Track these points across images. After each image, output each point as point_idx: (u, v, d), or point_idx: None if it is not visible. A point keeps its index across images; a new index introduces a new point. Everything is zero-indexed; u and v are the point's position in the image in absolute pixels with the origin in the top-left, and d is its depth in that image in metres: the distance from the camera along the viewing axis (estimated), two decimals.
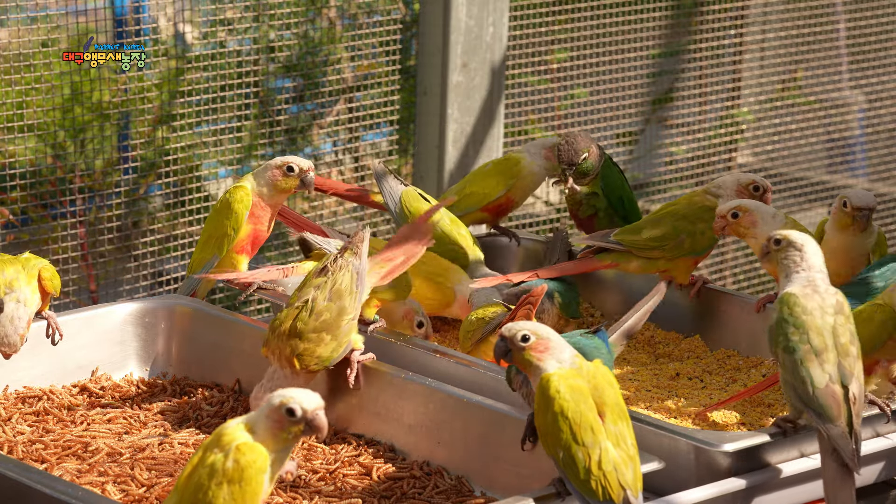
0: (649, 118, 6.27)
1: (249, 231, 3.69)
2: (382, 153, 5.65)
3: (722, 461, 3.11)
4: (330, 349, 3.29)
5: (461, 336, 3.64)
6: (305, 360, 3.27)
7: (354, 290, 3.32)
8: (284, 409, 2.66)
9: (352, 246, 3.35)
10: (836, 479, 3.03)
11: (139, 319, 3.67)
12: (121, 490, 3.08)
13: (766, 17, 6.49)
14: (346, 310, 3.30)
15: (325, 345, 3.28)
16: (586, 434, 2.78)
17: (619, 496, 2.75)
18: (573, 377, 2.83)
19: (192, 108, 5.10)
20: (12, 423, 3.37)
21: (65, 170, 5.03)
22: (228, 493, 2.64)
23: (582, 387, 2.82)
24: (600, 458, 2.76)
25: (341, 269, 3.32)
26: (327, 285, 3.30)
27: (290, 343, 3.27)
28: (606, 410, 2.81)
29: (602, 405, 2.81)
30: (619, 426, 2.80)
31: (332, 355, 3.30)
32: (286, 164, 3.69)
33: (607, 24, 5.93)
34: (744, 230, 3.69)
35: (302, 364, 3.27)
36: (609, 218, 4.12)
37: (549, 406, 2.81)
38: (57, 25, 4.86)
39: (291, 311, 3.30)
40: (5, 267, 3.39)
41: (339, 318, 3.29)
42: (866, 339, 3.27)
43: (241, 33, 5.29)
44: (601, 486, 2.74)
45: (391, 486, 3.17)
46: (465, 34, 5.38)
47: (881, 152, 6.87)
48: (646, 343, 3.95)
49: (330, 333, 3.28)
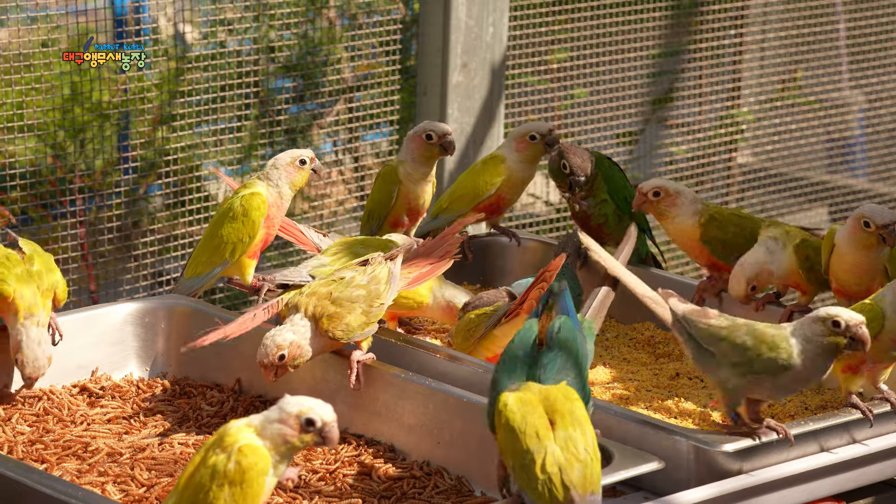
0: (649, 118, 6.27)
1: (262, 235, 3.70)
2: (382, 153, 5.65)
3: (722, 461, 3.11)
4: (359, 321, 3.34)
5: (458, 337, 3.62)
6: (334, 322, 3.31)
7: (388, 284, 3.42)
8: (304, 419, 2.68)
9: (392, 254, 3.49)
10: None
11: (139, 319, 3.67)
12: (121, 490, 3.08)
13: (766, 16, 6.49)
14: (380, 294, 3.39)
15: (356, 315, 3.34)
16: (531, 441, 2.78)
17: (562, 494, 2.74)
18: (524, 392, 2.85)
19: (192, 108, 5.10)
20: (12, 423, 3.37)
21: (65, 170, 5.03)
22: (229, 495, 2.64)
23: (531, 398, 2.84)
24: (545, 460, 2.77)
25: (380, 264, 3.45)
26: (366, 271, 3.42)
27: (321, 303, 3.32)
28: (557, 418, 2.81)
29: (553, 413, 2.82)
30: (571, 432, 2.79)
31: (358, 328, 3.34)
32: (297, 158, 3.70)
33: (607, 24, 5.93)
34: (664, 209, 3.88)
35: (329, 326, 3.30)
36: (618, 221, 4.12)
37: (500, 420, 2.83)
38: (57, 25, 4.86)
39: (328, 281, 3.38)
40: (22, 289, 3.38)
41: (372, 298, 3.37)
42: None
43: (241, 33, 5.29)
44: (546, 488, 2.74)
45: (391, 486, 3.17)
46: (465, 34, 5.38)
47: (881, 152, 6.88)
48: (646, 343, 3.95)
49: (362, 307, 3.34)
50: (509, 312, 3.49)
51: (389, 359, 3.44)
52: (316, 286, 3.39)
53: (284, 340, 3.29)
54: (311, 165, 3.72)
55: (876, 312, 3.30)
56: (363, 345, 3.39)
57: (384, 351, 3.48)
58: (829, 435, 3.25)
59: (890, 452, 3.33)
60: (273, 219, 3.71)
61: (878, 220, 3.62)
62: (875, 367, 3.34)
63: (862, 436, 3.29)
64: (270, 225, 3.71)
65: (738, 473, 3.13)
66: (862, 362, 3.32)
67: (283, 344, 3.28)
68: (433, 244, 3.63)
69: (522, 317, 3.47)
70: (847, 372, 3.33)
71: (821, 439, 3.24)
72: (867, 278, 3.66)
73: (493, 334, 3.54)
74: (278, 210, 3.72)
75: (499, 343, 3.52)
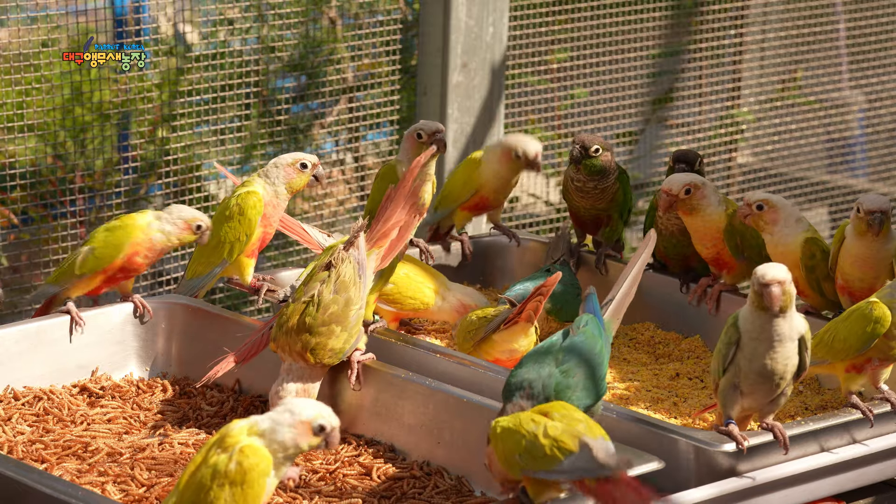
0: (649, 118, 6.27)
1: (260, 234, 3.70)
2: (383, 153, 5.65)
3: (722, 461, 3.11)
4: (342, 341, 3.30)
5: (459, 336, 3.63)
6: (319, 353, 3.28)
7: (358, 280, 3.33)
8: (317, 425, 2.70)
9: (351, 238, 3.37)
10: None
11: (139, 319, 3.67)
12: (121, 490, 3.08)
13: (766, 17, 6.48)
14: (353, 300, 3.31)
15: (337, 337, 3.29)
16: (528, 424, 2.81)
17: (572, 443, 2.76)
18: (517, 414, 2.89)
19: (192, 107, 5.10)
20: (12, 423, 3.37)
21: (65, 170, 5.02)
22: (230, 495, 2.64)
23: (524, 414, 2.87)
24: (546, 430, 2.79)
25: (343, 261, 3.33)
26: (331, 279, 3.31)
27: (300, 338, 3.28)
28: (552, 411, 2.84)
29: (549, 410, 2.84)
30: (565, 412, 2.82)
31: (344, 347, 3.31)
32: (299, 161, 3.69)
33: (607, 24, 5.93)
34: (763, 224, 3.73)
35: (316, 358, 3.28)
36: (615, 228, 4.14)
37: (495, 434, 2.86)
38: (57, 25, 4.86)
39: (298, 305, 3.31)
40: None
41: (346, 309, 3.31)
42: (859, 336, 3.28)
43: (242, 33, 5.29)
44: (555, 447, 2.75)
45: (391, 486, 3.17)
46: (465, 34, 5.38)
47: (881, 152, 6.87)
48: (646, 343, 3.95)
49: (340, 325, 3.30)
50: (508, 320, 3.50)
51: (389, 359, 3.44)
52: (284, 319, 3.31)
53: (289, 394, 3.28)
54: (311, 171, 3.71)
55: (883, 310, 3.30)
56: (361, 345, 3.39)
57: (384, 351, 3.48)
58: (830, 435, 3.25)
59: (890, 452, 3.33)
60: (270, 217, 3.70)
61: (866, 206, 3.61)
62: (878, 366, 3.34)
63: (862, 436, 3.29)
64: (268, 223, 3.71)
65: (739, 474, 3.13)
66: (867, 361, 3.32)
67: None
68: (392, 200, 3.46)
69: (521, 325, 3.48)
70: (851, 371, 3.33)
71: (821, 439, 3.24)
72: (871, 274, 3.65)
73: (491, 339, 3.54)
74: (275, 209, 3.71)
75: (497, 348, 3.53)
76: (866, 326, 3.28)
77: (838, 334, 3.32)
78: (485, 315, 3.60)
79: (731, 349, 3.13)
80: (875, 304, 3.31)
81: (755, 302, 3.10)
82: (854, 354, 3.31)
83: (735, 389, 3.14)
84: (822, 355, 3.32)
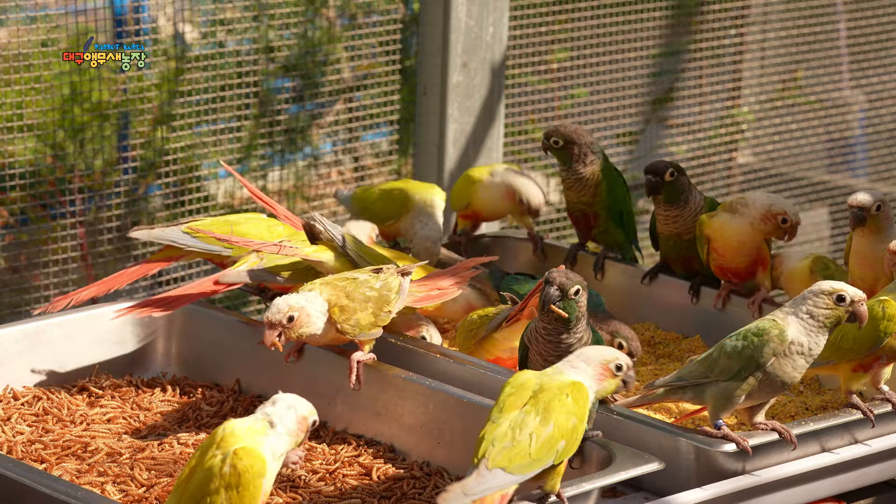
0: (649, 118, 6.26)
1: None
2: (382, 153, 5.65)
3: (722, 461, 3.11)
4: (368, 320, 3.32)
5: (460, 336, 3.63)
6: (345, 314, 3.29)
7: (398, 294, 3.39)
8: (312, 420, 2.78)
9: (406, 269, 3.46)
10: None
11: (139, 319, 3.67)
12: (120, 490, 3.08)
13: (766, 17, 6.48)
14: (390, 301, 3.36)
15: (366, 314, 3.31)
16: (495, 411, 2.85)
17: (478, 457, 2.78)
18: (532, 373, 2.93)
19: (191, 107, 5.09)
20: (12, 423, 3.36)
21: (64, 170, 5.02)
22: (226, 499, 2.64)
23: (529, 380, 2.88)
24: (489, 427, 2.81)
25: (392, 275, 3.40)
26: (379, 277, 3.38)
27: (337, 293, 3.30)
28: (530, 402, 2.84)
29: (534, 397, 2.85)
30: (531, 418, 2.81)
31: (366, 327, 3.32)
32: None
33: (607, 24, 5.92)
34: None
35: (340, 318, 3.28)
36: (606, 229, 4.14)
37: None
38: (56, 25, 4.85)
39: (343, 276, 3.36)
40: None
41: (382, 302, 3.35)
42: (871, 335, 3.27)
43: (240, 33, 5.28)
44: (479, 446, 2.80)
45: (391, 486, 3.17)
46: (465, 34, 5.37)
47: (881, 152, 6.87)
48: (646, 343, 3.95)
49: (372, 307, 3.32)
50: (510, 317, 3.49)
51: (389, 359, 3.44)
52: (331, 278, 3.36)
53: (296, 303, 3.24)
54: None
55: (892, 308, 3.29)
56: (365, 347, 3.38)
57: (384, 351, 3.48)
58: (830, 435, 3.25)
59: (891, 453, 3.32)
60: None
61: (850, 200, 3.61)
62: (885, 364, 3.33)
63: (863, 436, 3.29)
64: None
65: (739, 474, 3.13)
66: (876, 359, 3.31)
67: (295, 306, 3.23)
68: (447, 272, 3.62)
69: (523, 322, 3.48)
70: (858, 370, 3.31)
71: (822, 439, 3.24)
72: (871, 275, 3.65)
73: (493, 337, 3.54)
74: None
75: (499, 346, 3.53)
76: (879, 325, 3.27)
77: (847, 334, 3.29)
78: (486, 314, 3.60)
79: (769, 360, 3.10)
80: (887, 301, 3.30)
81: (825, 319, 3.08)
82: (865, 353, 3.29)
83: (742, 394, 3.12)
84: (828, 356, 3.30)
